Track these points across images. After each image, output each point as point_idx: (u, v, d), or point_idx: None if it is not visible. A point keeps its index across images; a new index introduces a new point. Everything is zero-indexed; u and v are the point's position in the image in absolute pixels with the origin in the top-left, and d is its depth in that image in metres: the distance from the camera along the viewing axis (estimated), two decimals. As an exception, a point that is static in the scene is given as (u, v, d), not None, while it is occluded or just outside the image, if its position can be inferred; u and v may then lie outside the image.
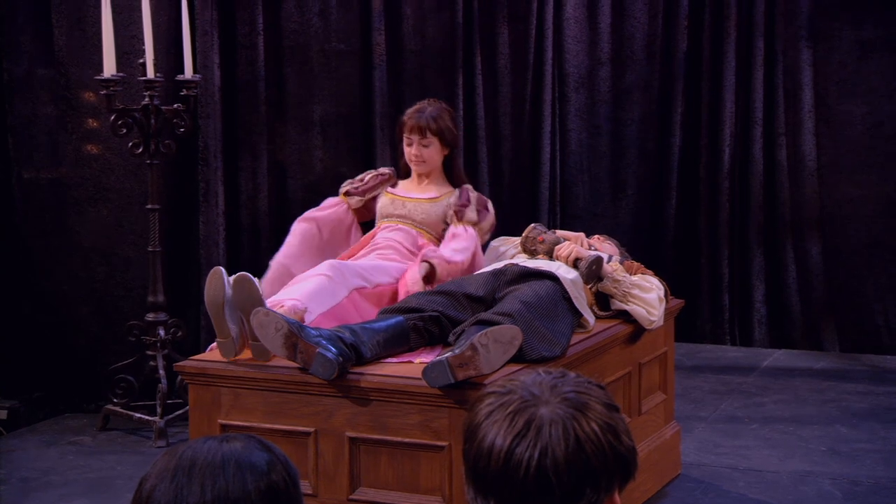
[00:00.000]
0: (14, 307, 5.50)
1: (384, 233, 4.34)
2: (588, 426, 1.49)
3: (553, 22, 7.00)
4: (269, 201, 6.32)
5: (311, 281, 3.85)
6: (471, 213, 4.30)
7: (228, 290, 3.55)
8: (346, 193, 4.48)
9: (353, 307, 3.93)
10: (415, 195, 4.39)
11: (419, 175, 4.42)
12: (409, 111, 4.41)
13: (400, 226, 4.33)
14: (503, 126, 7.12)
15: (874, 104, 6.60)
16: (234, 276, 3.59)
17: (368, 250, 4.29)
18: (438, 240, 4.33)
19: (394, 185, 4.48)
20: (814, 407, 5.56)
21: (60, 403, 5.50)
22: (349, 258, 4.28)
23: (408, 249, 4.27)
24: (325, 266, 3.94)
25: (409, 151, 4.36)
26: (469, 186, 4.43)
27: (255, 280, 3.57)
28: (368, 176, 4.52)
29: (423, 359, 3.56)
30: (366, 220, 4.52)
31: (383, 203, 4.41)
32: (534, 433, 1.48)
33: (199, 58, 5.70)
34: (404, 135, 4.37)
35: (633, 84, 7.02)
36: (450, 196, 4.36)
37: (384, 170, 4.59)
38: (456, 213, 4.29)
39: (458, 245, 4.19)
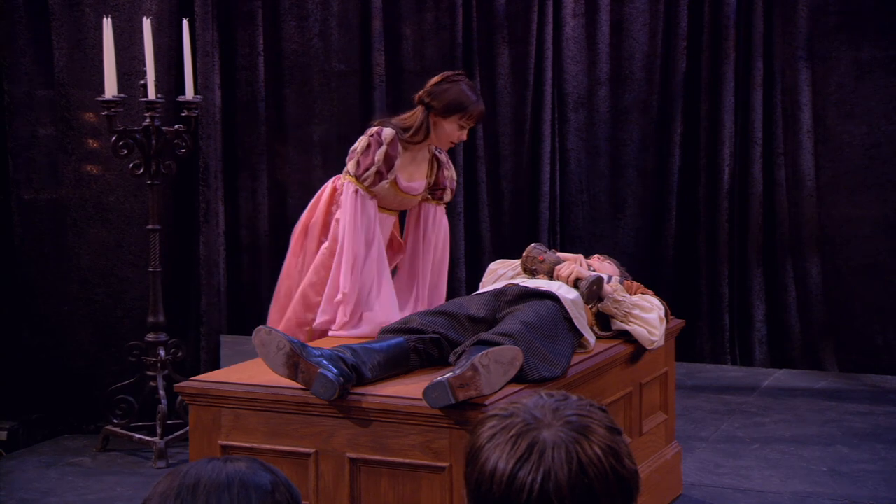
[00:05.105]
0: (13, 328, 5.50)
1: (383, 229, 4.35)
2: (591, 450, 1.49)
3: (552, 42, 7.02)
4: (269, 221, 6.33)
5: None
6: (447, 197, 4.48)
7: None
8: (371, 180, 4.14)
9: None
10: (411, 189, 4.31)
11: (418, 150, 4.28)
12: (472, 95, 4.21)
13: (388, 216, 4.36)
14: (503, 146, 7.14)
15: (873, 124, 6.62)
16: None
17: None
18: None
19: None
20: (815, 427, 5.56)
21: (60, 424, 5.49)
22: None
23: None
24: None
25: (458, 135, 4.28)
26: (442, 161, 4.44)
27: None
28: (379, 156, 4.14)
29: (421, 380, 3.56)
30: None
31: (386, 192, 4.25)
32: (536, 457, 1.48)
33: (200, 79, 5.71)
34: (462, 118, 4.21)
35: (633, 104, 7.03)
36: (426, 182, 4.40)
37: (388, 137, 4.15)
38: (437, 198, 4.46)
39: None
